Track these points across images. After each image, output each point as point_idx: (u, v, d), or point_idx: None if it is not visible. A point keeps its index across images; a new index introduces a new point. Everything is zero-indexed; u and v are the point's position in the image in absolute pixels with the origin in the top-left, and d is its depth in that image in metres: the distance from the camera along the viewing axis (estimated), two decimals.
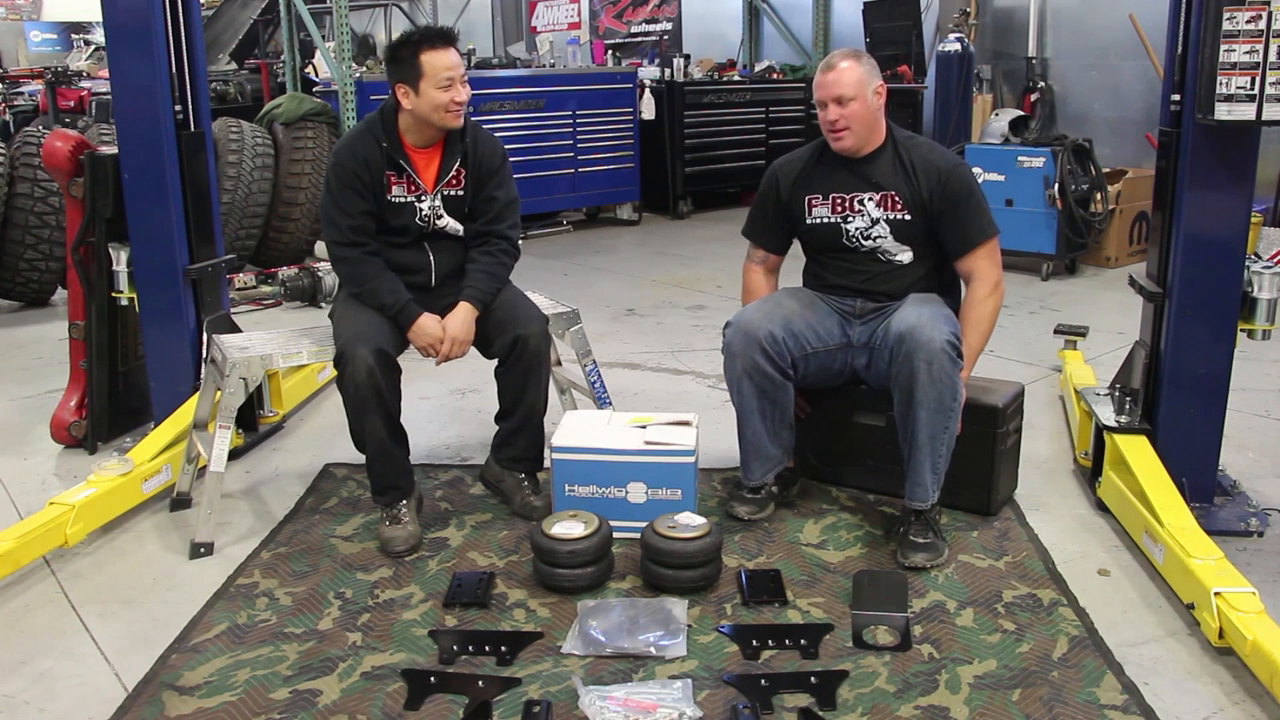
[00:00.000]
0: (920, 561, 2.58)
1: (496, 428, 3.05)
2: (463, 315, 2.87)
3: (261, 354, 2.89)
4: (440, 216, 2.92)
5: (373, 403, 2.70)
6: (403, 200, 2.87)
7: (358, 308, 2.84)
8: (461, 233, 2.97)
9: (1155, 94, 3.09)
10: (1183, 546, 2.38)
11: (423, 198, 2.89)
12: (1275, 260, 2.81)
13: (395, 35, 14.63)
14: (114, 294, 3.39)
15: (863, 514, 2.91)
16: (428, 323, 2.84)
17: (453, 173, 2.90)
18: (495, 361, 2.97)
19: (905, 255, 2.83)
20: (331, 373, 4.08)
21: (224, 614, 2.43)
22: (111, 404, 3.53)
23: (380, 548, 2.73)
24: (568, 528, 2.52)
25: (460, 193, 2.93)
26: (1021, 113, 6.85)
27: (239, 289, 5.78)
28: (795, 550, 2.71)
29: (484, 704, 2.05)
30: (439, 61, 2.73)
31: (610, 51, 9.77)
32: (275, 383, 3.70)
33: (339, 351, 2.74)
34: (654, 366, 4.42)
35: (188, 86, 3.30)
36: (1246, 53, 2.47)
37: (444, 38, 2.81)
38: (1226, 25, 2.47)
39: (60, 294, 5.63)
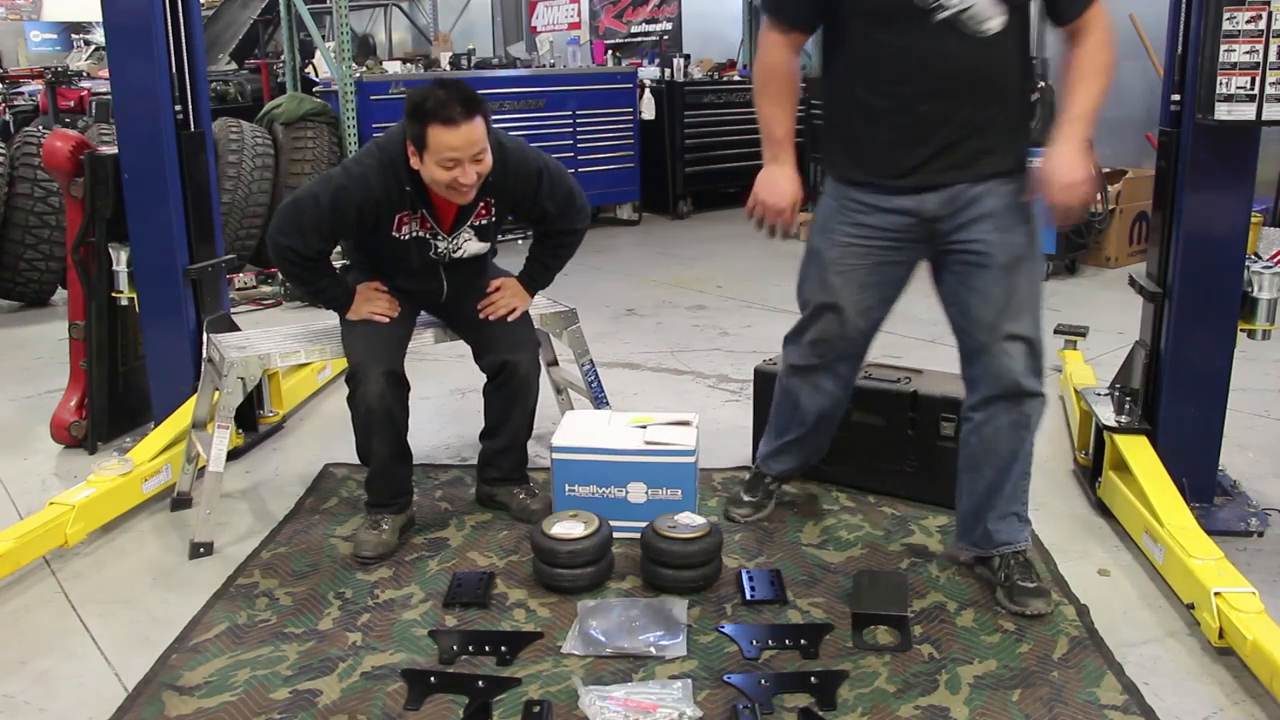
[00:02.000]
0: (1041, 608, 2.33)
1: (480, 445, 3.03)
2: (514, 289, 2.94)
3: (259, 353, 2.89)
4: (458, 250, 2.79)
5: (381, 424, 2.71)
6: (411, 238, 2.72)
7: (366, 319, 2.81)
8: (485, 251, 2.88)
9: (1155, 94, 3.08)
10: (1183, 546, 2.38)
11: (439, 237, 2.75)
12: (1275, 260, 2.81)
13: (395, 36, 14.56)
14: (114, 294, 3.39)
15: (863, 514, 2.91)
16: (361, 300, 2.79)
17: (478, 209, 2.74)
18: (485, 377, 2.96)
19: (996, 20, 2.14)
20: (331, 372, 4.11)
21: (224, 614, 2.43)
22: (111, 404, 3.53)
23: (353, 549, 2.72)
24: (568, 528, 2.52)
25: (490, 221, 2.80)
26: None
27: (239, 289, 5.79)
28: (795, 550, 2.71)
29: (484, 704, 2.05)
30: (443, 141, 2.45)
31: (610, 51, 9.76)
32: (275, 383, 3.70)
33: (351, 370, 2.74)
34: (654, 366, 4.42)
35: (188, 86, 3.30)
36: (1246, 53, 2.47)
37: (462, 111, 2.45)
38: (1226, 25, 2.46)
39: (60, 294, 5.63)
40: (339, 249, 2.92)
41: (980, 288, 2.26)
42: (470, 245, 2.80)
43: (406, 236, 2.70)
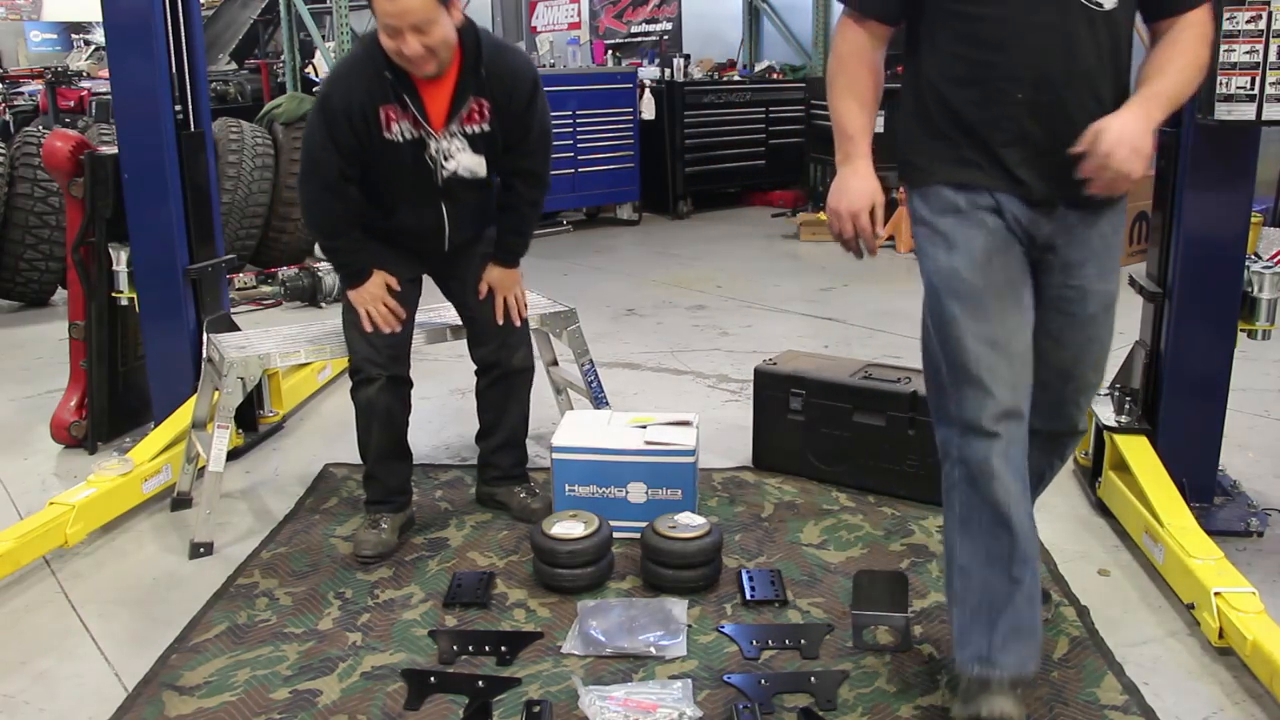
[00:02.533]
0: (1043, 614, 2.09)
1: (478, 449, 3.02)
2: (499, 275, 2.82)
3: (259, 353, 2.89)
4: (450, 158, 2.61)
5: (380, 421, 2.72)
6: (404, 139, 2.56)
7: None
8: (484, 176, 2.69)
9: None
10: (1183, 546, 2.38)
11: (430, 137, 2.57)
12: (1275, 260, 2.81)
13: None
14: (114, 294, 3.39)
15: (863, 514, 2.91)
16: (369, 292, 2.69)
17: (469, 106, 2.57)
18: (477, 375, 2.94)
19: None
20: (331, 372, 4.11)
21: (224, 614, 2.43)
22: (111, 404, 3.53)
23: (352, 549, 2.72)
24: (568, 528, 2.52)
25: (487, 128, 2.61)
26: None
27: (239, 289, 5.78)
28: (795, 550, 2.70)
29: (484, 704, 2.05)
30: (381, 7, 2.37)
31: (610, 51, 9.76)
32: (275, 383, 3.70)
33: (353, 366, 2.75)
34: (654, 366, 4.42)
35: (188, 86, 3.30)
36: (1246, 53, 2.47)
37: None
38: (1226, 25, 2.46)
39: (60, 294, 5.62)
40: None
41: (1062, 335, 1.96)
42: (465, 158, 2.63)
43: (399, 138, 2.56)
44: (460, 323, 2.98)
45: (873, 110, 1.95)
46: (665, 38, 10.56)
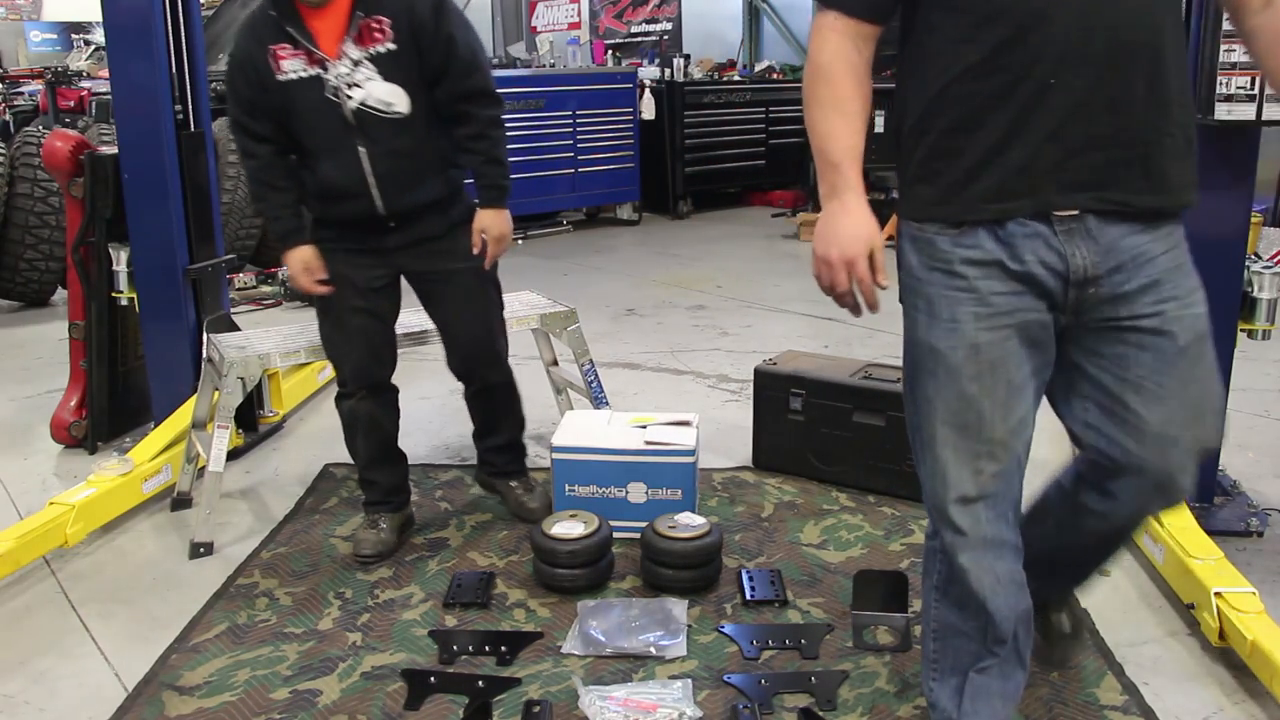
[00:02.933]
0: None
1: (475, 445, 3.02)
2: (489, 218, 2.55)
3: (259, 353, 2.89)
4: (356, 86, 2.36)
5: (364, 430, 2.73)
6: (298, 76, 2.37)
7: (339, 316, 2.64)
8: (405, 110, 2.41)
9: None
10: (1183, 546, 2.38)
11: (327, 66, 2.36)
12: (1275, 260, 2.81)
13: None
14: (114, 294, 3.39)
15: (863, 514, 2.91)
16: (295, 261, 2.54)
17: (361, 25, 2.34)
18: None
19: None
20: (331, 373, 4.10)
21: (224, 614, 2.43)
22: (111, 404, 3.53)
23: (352, 549, 2.72)
24: (568, 528, 2.52)
25: (393, 46, 2.36)
26: None
27: (239, 289, 5.79)
28: (795, 550, 2.70)
29: (484, 704, 2.05)
30: None
31: (610, 51, 9.77)
32: (275, 383, 3.70)
33: (338, 378, 2.76)
34: (654, 366, 4.42)
35: (188, 86, 3.30)
36: (1246, 52, 2.46)
37: None
38: (1226, 25, 2.46)
39: (60, 294, 5.63)
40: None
41: (1148, 380, 1.55)
42: (375, 87, 2.37)
43: (294, 76, 2.38)
44: (422, 329, 2.92)
45: (862, 129, 1.57)
46: (665, 38, 10.56)
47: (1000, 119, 1.48)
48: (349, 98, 2.37)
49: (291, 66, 2.37)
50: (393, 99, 2.39)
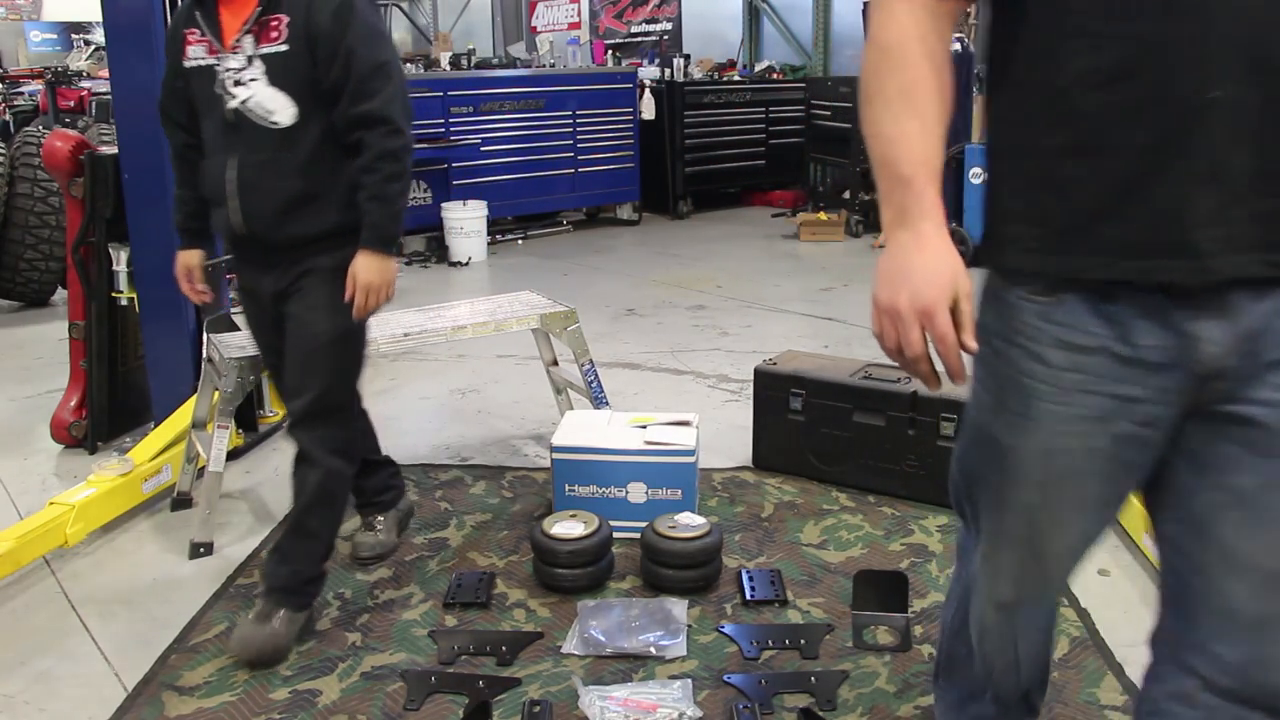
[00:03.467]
0: None
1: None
2: (363, 263, 2.16)
3: (259, 353, 2.88)
4: (241, 85, 2.14)
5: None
6: (198, 64, 2.20)
7: (254, 335, 2.47)
8: (287, 120, 2.15)
9: None
10: None
11: (221, 58, 2.16)
12: None
13: (395, 35, 14.59)
14: (114, 294, 3.39)
15: (863, 514, 2.91)
16: (178, 264, 2.39)
17: (264, 19, 2.13)
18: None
19: None
20: None
21: (224, 614, 2.43)
22: (111, 404, 3.53)
23: (350, 551, 2.69)
24: (568, 528, 2.52)
25: (284, 48, 2.12)
26: None
27: (239, 289, 5.78)
28: (795, 550, 2.71)
29: (484, 704, 2.05)
30: None
31: (610, 51, 9.78)
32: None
33: None
34: (654, 366, 4.42)
35: None
36: None
37: None
38: None
39: (60, 294, 5.63)
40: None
41: (1259, 507, 1.14)
42: (260, 89, 2.14)
43: (195, 62, 2.21)
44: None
45: (941, 133, 1.18)
46: (665, 38, 10.56)
47: (1133, 145, 1.07)
48: (232, 96, 2.16)
49: (195, 53, 2.21)
50: (274, 107, 2.14)
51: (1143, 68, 1.05)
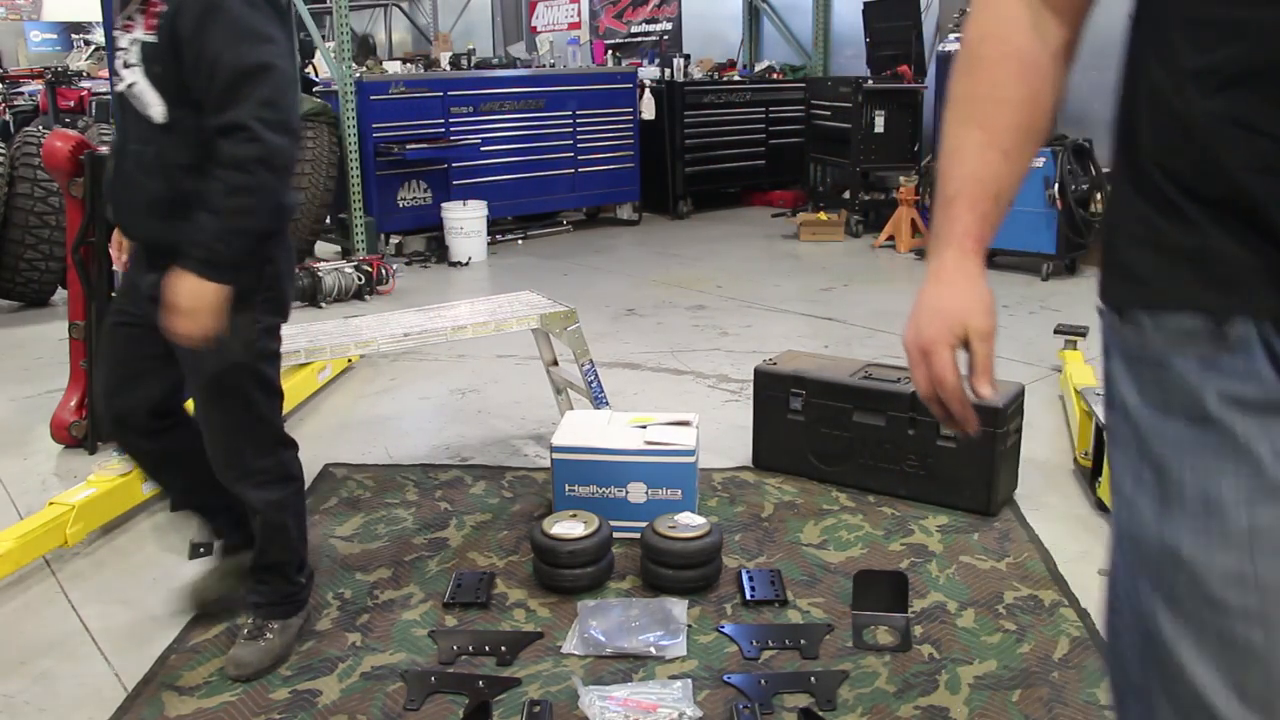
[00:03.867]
0: None
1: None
2: (173, 282, 1.88)
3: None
4: (128, 67, 1.95)
5: (148, 472, 2.43)
6: (115, 34, 2.03)
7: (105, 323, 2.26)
8: (160, 119, 1.94)
9: None
10: None
11: (119, 34, 1.98)
12: None
13: (395, 36, 14.58)
14: (114, 294, 3.39)
15: (863, 514, 2.91)
16: (116, 234, 2.21)
17: (150, 3, 1.92)
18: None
19: None
20: (331, 372, 4.11)
21: (223, 615, 2.43)
22: None
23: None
24: (568, 528, 2.52)
25: (154, 39, 1.91)
26: None
27: None
28: (795, 550, 2.71)
29: (484, 704, 2.05)
30: None
31: (610, 51, 9.77)
32: None
33: None
34: (654, 366, 4.42)
35: None
36: None
37: None
38: None
39: (60, 294, 5.62)
40: None
41: None
42: (139, 77, 1.95)
43: (115, 32, 2.04)
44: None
45: (1008, 152, 1.05)
46: (665, 38, 10.56)
47: (1268, 153, 0.82)
48: (120, 78, 1.99)
49: (117, 22, 2.01)
50: (149, 100, 1.95)
51: (1272, 62, 0.83)
